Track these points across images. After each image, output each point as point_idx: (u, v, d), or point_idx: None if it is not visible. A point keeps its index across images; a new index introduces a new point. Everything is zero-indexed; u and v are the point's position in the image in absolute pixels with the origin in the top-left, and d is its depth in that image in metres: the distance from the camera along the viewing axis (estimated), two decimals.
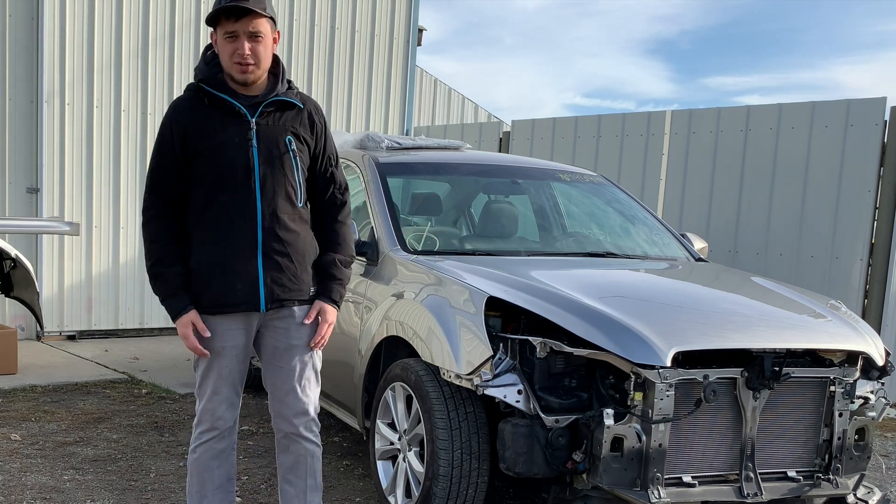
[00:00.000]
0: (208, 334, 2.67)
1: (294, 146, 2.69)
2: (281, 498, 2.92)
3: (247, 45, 2.57)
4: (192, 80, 2.72)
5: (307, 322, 2.75)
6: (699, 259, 4.37)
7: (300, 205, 2.72)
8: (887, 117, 5.75)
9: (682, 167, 6.74)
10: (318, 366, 2.83)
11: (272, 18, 2.65)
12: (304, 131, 2.73)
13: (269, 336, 2.76)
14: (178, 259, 2.67)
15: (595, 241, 4.48)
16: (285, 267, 2.68)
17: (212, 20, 2.60)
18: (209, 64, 2.68)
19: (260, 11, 2.57)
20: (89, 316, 7.21)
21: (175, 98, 2.76)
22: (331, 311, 2.78)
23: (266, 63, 2.65)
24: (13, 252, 5.30)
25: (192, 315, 2.65)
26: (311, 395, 2.80)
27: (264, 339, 2.77)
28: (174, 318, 2.67)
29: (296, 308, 2.74)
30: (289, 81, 2.75)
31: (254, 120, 2.64)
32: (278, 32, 2.70)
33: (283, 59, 8.67)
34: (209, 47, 2.72)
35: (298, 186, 2.71)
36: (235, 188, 2.62)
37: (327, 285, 2.79)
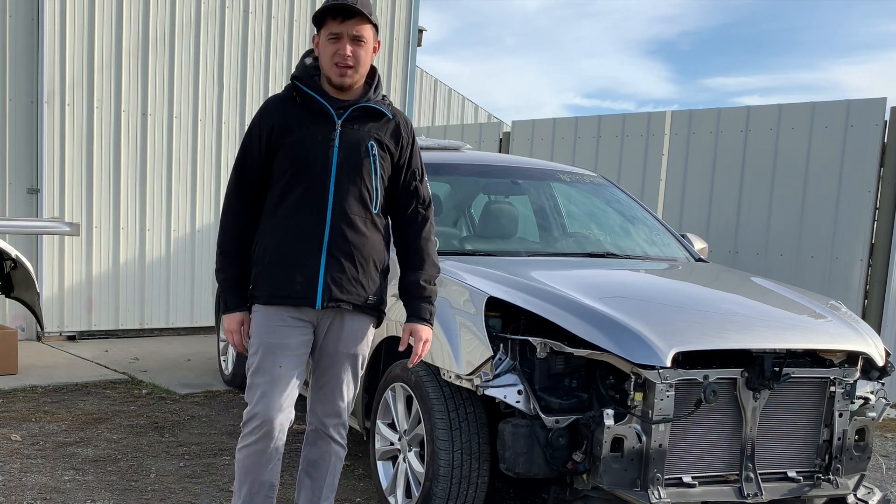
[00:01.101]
0: (246, 341, 2.75)
1: (376, 151, 2.71)
2: (298, 486, 2.96)
3: (349, 48, 2.61)
4: (192, 80, 2.75)
5: (401, 349, 2.80)
6: (699, 259, 4.37)
7: (374, 210, 2.73)
8: (887, 117, 5.75)
9: (682, 168, 6.74)
10: (362, 372, 2.87)
11: (376, 26, 2.68)
12: (388, 140, 2.75)
13: (320, 337, 2.78)
14: (243, 256, 2.74)
15: (595, 241, 4.49)
16: (347, 268, 2.69)
17: (318, 19, 2.64)
18: (308, 65, 2.74)
19: (367, 14, 2.62)
20: (89, 316, 7.20)
21: (271, 96, 2.83)
22: (424, 330, 2.77)
23: (365, 69, 2.69)
24: (13, 252, 5.30)
25: (246, 315, 2.74)
26: (347, 400, 2.84)
27: (316, 340, 2.79)
28: (227, 311, 2.76)
29: (348, 316, 2.74)
30: (384, 95, 2.78)
31: (339, 122, 2.68)
32: (379, 42, 2.74)
33: (284, 60, 8.66)
34: (310, 52, 2.78)
35: (374, 191, 2.72)
36: (311, 183, 2.66)
37: (416, 305, 2.79)
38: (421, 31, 10.63)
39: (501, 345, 3.05)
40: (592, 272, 3.91)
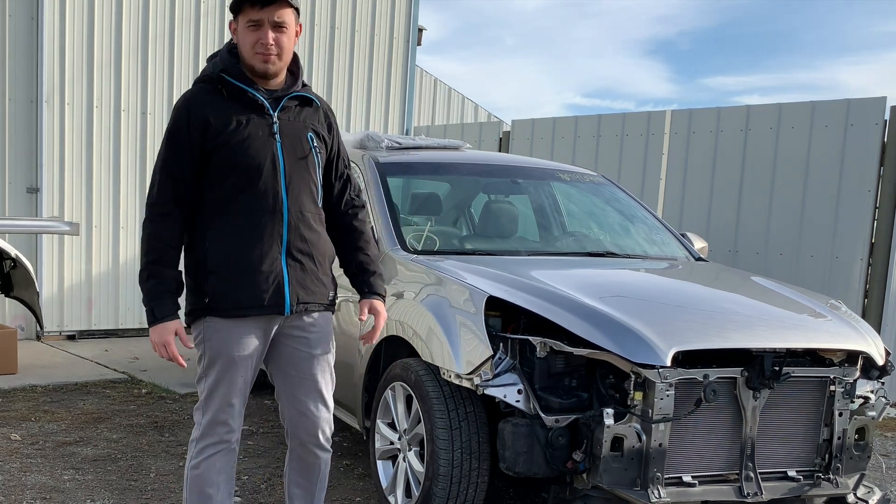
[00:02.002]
0: (192, 345, 2.58)
1: (315, 143, 2.63)
2: (289, 498, 2.87)
3: (270, 35, 2.49)
4: (192, 79, 2.67)
5: (363, 318, 2.73)
6: (699, 259, 4.37)
7: (319, 204, 2.68)
8: (887, 117, 5.75)
9: (682, 167, 6.74)
10: (332, 370, 2.78)
11: (297, 9, 2.57)
12: (322, 129, 2.68)
13: (286, 344, 2.66)
14: (176, 262, 2.55)
15: (595, 240, 4.48)
16: (308, 268, 2.61)
17: (235, 6, 2.52)
18: (230, 54, 2.58)
19: (292, 2, 2.51)
20: (89, 316, 7.21)
21: (187, 91, 2.62)
22: (382, 305, 2.76)
23: (288, 56, 2.57)
24: (13, 252, 5.30)
25: (179, 324, 2.55)
26: (330, 405, 2.76)
27: (280, 347, 2.67)
28: (158, 321, 2.52)
29: (316, 315, 2.67)
30: (304, 82, 2.70)
31: (276, 114, 2.57)
32: (300, 25, 2.62)
33: None
34: (230, 42, 2.63)
35: (319, 185, 2.66)
36: (262, 184, 2.52)
37: (368, 281, 2.76)
38: (421, 31, 10.62)
39: (501, 344, 3.05)
40: (592, 271, 3.91)
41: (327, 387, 2.74)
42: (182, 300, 2.61)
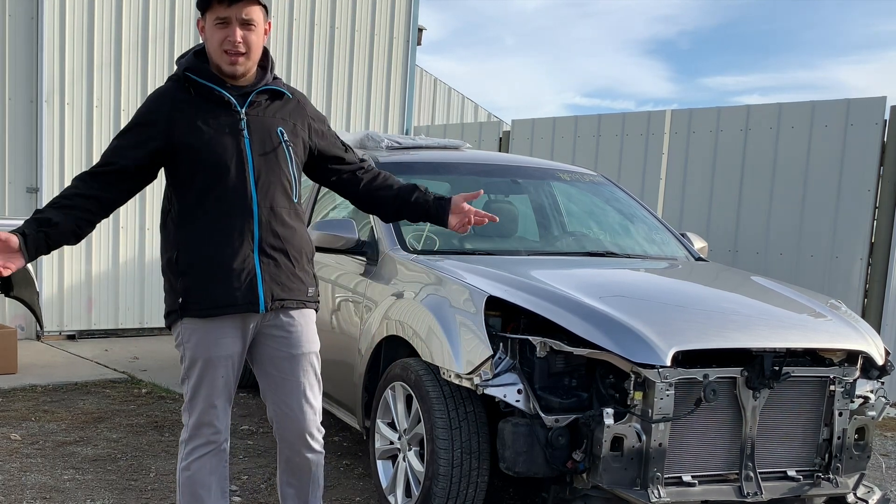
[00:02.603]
0: (14, 243, 2.32)
1: (287, 137, 2.57)
2: (281, 497, 2.86)
3: (238, 33, 2.44)
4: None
5: (467, 207, 2.72)
6: (699, 258, 4.37)
7: (295, 199, 2.63)
8: (887, 117, 5.75)
9: (682, 167, 6.74)
10: (319, 368, 2.72)
11: (265, 7, 2.53)
12: (296, 121, 2.63)
13: (267, 345, 2.62)
14: (60, 215, 2.38)
15: (595, 240, 4.48)
16: (283, 264, 2.56)
17: (202, 4, 2.47)
18: (196, 54, 2.55)
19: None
20: (89, 316, 7.20)
21: (158, 87, 2.59)
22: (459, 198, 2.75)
23: (257, 54, 2.53)
24: None
25: (14, 239, 2.31)
26: (316, 405, 2.69)
27: (261, 347, 2.63)
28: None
29: (294, 313, 2.62)
30: (276, 76, 2.65)
31: (243, 110, 2.52)
32: (269, 22, 2.59)
33: (284, 59, 8.66)
34: (200, 45, 2.59)
35: (294, 180, 2.60)
36: (229, 182, 2.48)
37: (434, 198, 2.75)
38: (421, 31, 10.62)
39: (501, 344, 3.05)
40: (592, 271, 3.91)
41: (312, 387, 2.67)
42: (161, 301, 2.60)
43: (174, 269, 2.53)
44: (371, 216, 4.01)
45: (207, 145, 2.48)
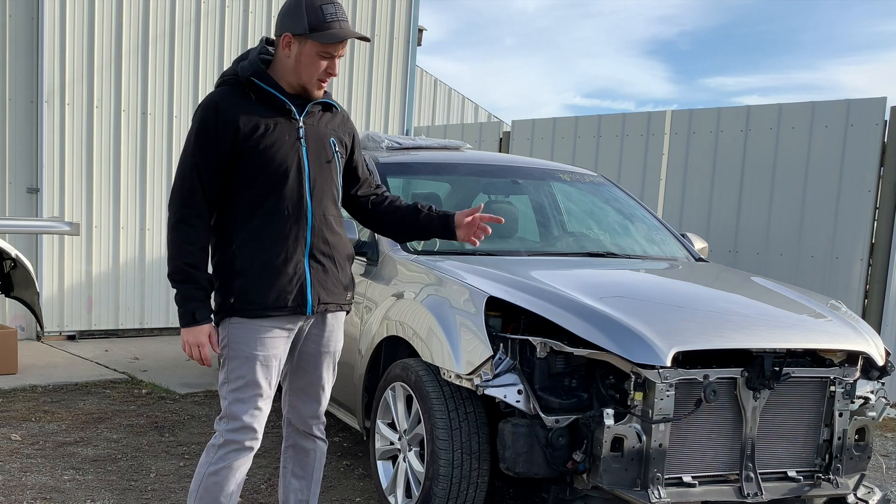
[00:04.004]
0: (217, 350, 2.59)
1: (337, 148, 2.70)
2: (287, 490, 2.90)
3: (337, 66, 2.59)
4: (192, 79, 2.69)
5: (471, 218, 2.83)
6: (699, 259, 4.37)
7: (340, 207, 2.76)
8: (887, 117, 5.76)
9: (682, 167, 6.74)
10: (336, 365, 2.86)
11: None
12: (343, 134, 2.75)
13: (301, 341, 2.73)
14: (206, 265, 2.58)
15: (595, 240, 4.48)
16: (330, 270, 2.66)
17: (322, 38, 2.52)
18: (258, 61, 2.62)
19: (367, 38, 2.65)
20: (89, 316, 7.21)
21: (211, 92, 2.64)
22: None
23: None
24: (13, 252, 5.30)
25: (212, 328, 2.57)
26: (328, 397, 2.86)
27: (297, 344, 2.73)
28: (194, 323, 2.53)
29: (331, 315, 2.73)
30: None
31: (301, 119, 2.62)
32: None
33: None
34: (269, 43, 2.65)
35: (340, 189, 2.74)
36: (288, 188, 2.57)
37: (440, 214, 2.87)
38: (421, 31, 10.63)
39: (501, 344, 3.04)
40: (592, 271, 3.91)
41: (329, 382, 2.84)
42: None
43: (230, 270, 2.57)
44: None
45: (269, 151, 2.55)
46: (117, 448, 4.30)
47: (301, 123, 2.62)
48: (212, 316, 2.57)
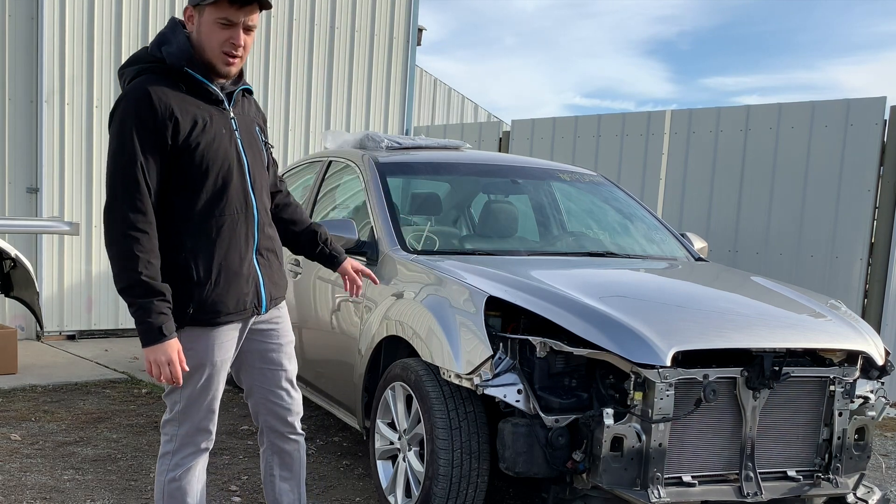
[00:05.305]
0: (186, 367, 2.38)
1: (262, 136, 2.58)
2: (279, 494, 2.80)
3: (242, 37, 2.36)
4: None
5: (354, 288, 2.91)
6: (699, 259, 4.37)
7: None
8: (887, 117, 5.75)
9: (682, 167, 6.74)
10: (294, 354, 2.77)
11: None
12: (261, 121, 2.64)
13: (255, 340, 2.61)
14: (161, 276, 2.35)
15: (595, 240, 4.48)
16: (273, 263, 2.59)
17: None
18: (185, 46, 2.37)
19: (269, 3, 2.38)
20: (89, 316, 7.21)
21: (136, 80, 2.37)
22: (354, 262, 2.92)
23: (246, 56, 2.45)
24: (13, 252, 5.30)
25: (177, 341, 2.36)
26: (297, 389, 2.76)
27: (250, 344, 2.61)
28: (162, 339, 2.29)
29: (279, 307, 2.68)
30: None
31: (231, 108, 2.46)
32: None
33: (283, 59, 8.67)
34: (177, 24, 2.41)
35: (269, 179, 2.65)
36: (233, 186, 2.42)
37: (337, 249, 2.87)
38: (421, 31, 10.63)
39: (501, 344, 3.05)
40: (592, 271, 3.91)
41: (293, 373, 2.74)
42: None
43: (186, 278, 2.39)
44: (371, 216, 4.03)
45: (212, 147, 2.38)
46: (117, 448, 4.30)
47: (232, 114, 2.46)
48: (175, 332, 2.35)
